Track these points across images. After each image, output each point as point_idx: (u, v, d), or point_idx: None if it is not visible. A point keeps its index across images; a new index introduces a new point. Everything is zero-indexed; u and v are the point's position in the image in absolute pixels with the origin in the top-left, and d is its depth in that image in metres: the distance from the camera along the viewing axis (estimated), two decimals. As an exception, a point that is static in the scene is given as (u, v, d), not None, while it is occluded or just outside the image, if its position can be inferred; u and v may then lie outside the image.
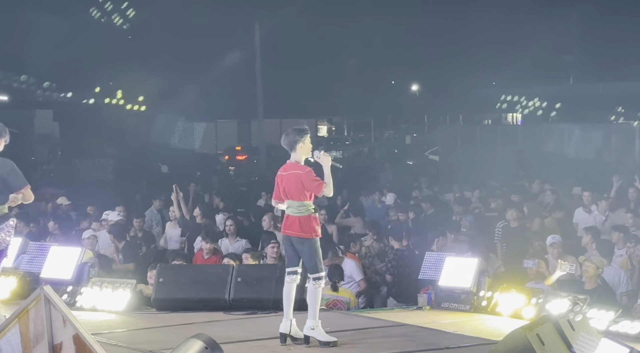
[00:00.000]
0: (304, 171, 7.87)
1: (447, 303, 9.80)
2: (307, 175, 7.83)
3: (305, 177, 7.83)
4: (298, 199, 7.87)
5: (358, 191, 19.79)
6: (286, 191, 7.92)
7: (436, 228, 12.78)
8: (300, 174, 7.86)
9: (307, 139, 7.98)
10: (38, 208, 17.05)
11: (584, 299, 8.91)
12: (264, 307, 9.53)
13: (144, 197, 18.94)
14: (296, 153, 7.96)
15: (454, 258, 10.21)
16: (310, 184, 7.82)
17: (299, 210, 7.86)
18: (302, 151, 7.96)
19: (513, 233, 13.40)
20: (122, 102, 43.78)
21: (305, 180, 7.82)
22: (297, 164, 7.94)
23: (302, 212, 7.85)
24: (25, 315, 6.22)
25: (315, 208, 7.97)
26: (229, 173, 33.06)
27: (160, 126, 40.99)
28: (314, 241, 7.89)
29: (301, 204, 7.86)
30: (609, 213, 14.41)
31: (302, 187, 7.84)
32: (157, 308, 9.88)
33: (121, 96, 43.70)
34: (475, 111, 51.07)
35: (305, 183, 7.82)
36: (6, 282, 10.29)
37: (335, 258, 11.37)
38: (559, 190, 17.45)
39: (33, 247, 10.90)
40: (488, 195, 17.88)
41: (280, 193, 8.02)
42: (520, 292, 9.43)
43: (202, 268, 10.70)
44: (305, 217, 7.86)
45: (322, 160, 7.96)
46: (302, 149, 7.95)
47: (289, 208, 7.94)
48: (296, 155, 7.96)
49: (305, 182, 7.82)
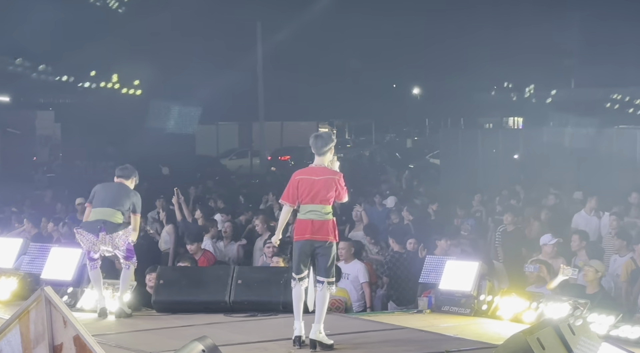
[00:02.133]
0: (340, 176, 7.99)
1: (447, 306, 9.79)
2: (341, 180, 7.98)
3: (339, 183, 7.95)
4: (327, 203, 7.92)
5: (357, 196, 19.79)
6: (315, 195, 7.91)
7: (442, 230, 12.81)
8: (336, 179, 7.96)
9: (334, 145, 8.12)
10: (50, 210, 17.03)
11: (585, 303, 8.90)
12: (265, 309, 9.53)
13: (145, 198, 18.91)
14: (324, 157, 8.01)
15: (454, 261, 10.20)
16: (343, 189, 7.97)
17: (326, 215, 7.91)
18: (331, 156, 8.04)
19: (510, 237, 13.41)
20: (118, 86, 43.68)
21: (340, 186, 7.94)
22: (328, 168, 8.01)
23: (328, 216, 7.93)
24: (25, 316, 6.22)
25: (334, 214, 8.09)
26: (229, 176, 33.07)
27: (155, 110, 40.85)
28: (335, 245, 8.00)
29: (328, 209, 7.94)
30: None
31: (334, 192, 7.91)
32: (158, 310, 9.87)
33: (116, 80, 43.57)
34: (477, 115, 51.13)
35: (339, 188, 7.94)
36: (7, 283, 10.30)
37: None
38: (562, 194, 17.44)
39: (34, 248, 10.90)
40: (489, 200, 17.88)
41: (297, 196, 7.99)
42: (520, 296, 9.42)
43: (203, 271, 10.70)
44: (332, 221, 7.97)
45: (334, 165, 8.06)
46: (331, 154, 8.05)
47: (311, 213, 7.91)
48: (323, 160, 8.01)
49: (339, 187, 7.93)
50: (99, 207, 9.26)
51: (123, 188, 9.46)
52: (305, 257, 8.00)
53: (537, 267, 10.25)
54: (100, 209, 9.22)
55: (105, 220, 9.16)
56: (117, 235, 9.19)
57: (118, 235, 9.20)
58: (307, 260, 8.01)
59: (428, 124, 56.87)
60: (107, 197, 9.32)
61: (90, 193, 9.67)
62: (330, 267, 7.93)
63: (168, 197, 17.90)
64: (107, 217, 9.17)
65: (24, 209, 17.27)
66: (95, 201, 9.35)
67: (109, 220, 9.17)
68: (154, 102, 40.97)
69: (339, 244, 11.81)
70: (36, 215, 14.89)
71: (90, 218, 9.31)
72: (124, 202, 9.33)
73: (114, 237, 9.15)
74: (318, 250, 7.93)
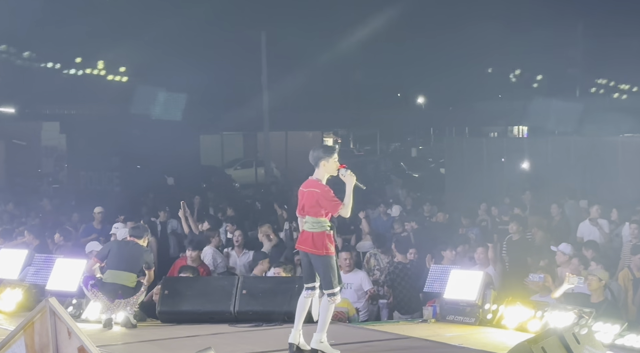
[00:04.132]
0: (321, 190, 7.89)
1: (452, 316, 9.78)
2: (324, 194, 7.87)
3: (321, 196, 7.86)
4: (315, 216, 7.90)
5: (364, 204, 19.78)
6: (305, 207, 7.97)
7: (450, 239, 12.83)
8: (317, 192, 7.89)
9: (332, 158, 7.96)
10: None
11: (590, 312, 8.89)
12: (270, 319, 9.53)
13: (150, 209, 18.95)
14: (319, 170, 7.97)
15: (459, 271, 10.20)
16: (327, 204, 7.85)
17: (314, 226, 7.90)
18: (325, 169, 7.95)
19: (515, 245, 13.40)
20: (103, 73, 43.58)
21: (322, 199, 7.85)
22: (317, 181, 7.95)
23: (316, 228, 7.89)
24: (30, 327, 6.23)
25: (331, 226, 7.98)
26: (233, 185, 33.06)
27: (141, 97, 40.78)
28: (328, 258, 7.89)
29: (317, 221, 7.90)
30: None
31: (318, 205, 7.87)
32: (163, 321, 9.88)
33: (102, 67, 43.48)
34: (481, 124, 51.12)
35: (321, 202, 7.85)
36: (12, 294, 10.31)
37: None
38: (565, 203, 17.42)
39: (39, 259, 10.92)
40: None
41: (300, 208, 8.09)
42: (525, 305, 9.41)
43: (207, 281, 10.69)
44: (318, 234, 7.89)
45: (346, 179, 7.96)
46: (325, 167, 7.94)
47: (306, 224, 7.98)
48: (318, 172, 7.97)
49: (321, 201, 7.85)
50: (115, 269, 9.52)
51: (137, 250, 9.73)
52: (306, 266, 8.04)
53: (541, 277, 10.24)
54: (117, 272, 9.49)
55: (123, 284, 9.46)
56: (132, 299, 9.51)
57: (133, 299, 9.52)
58: (308, 270, 8.01)
59: (433, 133, 56.88)
60: (122, 260, 9.59)
61: (103, 248, 9.99)
62: (326, 280, 7.87)
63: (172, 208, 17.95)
64: (123, 281, 9.48)
65: (27, 221, 17.27)
66: (111, 262, 9.59)
67: (126, 285, 9.48)
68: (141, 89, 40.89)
69: (341, 254, 11.82)
70: (38, 226, 14.86)
71: (106, 278, 9.51)
72: (139, 264, 9.68)
73: (129, 301, 9.48)
74: (312, 262, 7.96)
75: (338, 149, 8.13)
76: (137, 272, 9.62)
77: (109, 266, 9.56)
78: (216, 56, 42.15)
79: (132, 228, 10.17)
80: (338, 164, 8.00)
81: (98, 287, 9.46)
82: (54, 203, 21.66)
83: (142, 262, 9.67)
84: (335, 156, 7.99)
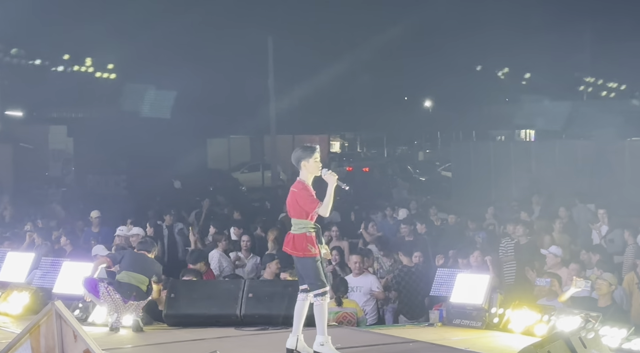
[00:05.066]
0: (298, 189, 7.90)
1: (458, 319, 9.76)
2: (300, 193, 7.87)
3: (299, 195, 7.87)
4: (297, 217, 7.89)
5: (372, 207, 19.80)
6: (289, 208, 8.00)
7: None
8: (295, 192, 7.91)
9: (312, 158, 7.94)
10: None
11: (597, 317, 8.86)
12: (276, 322, 9.52)
13: (157, 212, 18.99)
14: (301, 171, 7.98)
15: (465, 274, 10.18)
16: (303, 202, 7.84)
17: (296, 227, 7.90)
18: (307, 169, 7.94)
19: (523, 249, 13.37)
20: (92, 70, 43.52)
21: (299, 198, 7.86)
22: (298, 181, 7.97)
23: (298, 230, 7.88)
24: (36, 330, 6.24)
25: (314, 228, 7.92)
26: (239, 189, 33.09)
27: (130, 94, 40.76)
28: (308, 259, 7.87)
29: (299, 222, 7.89)
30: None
31: (298, 205, 7.87)
32: (169, 324, 9.88)
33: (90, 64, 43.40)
34: (489, 127, 51.05)
35: (299, 201, 7.86)
36: (19, 297, 10.33)
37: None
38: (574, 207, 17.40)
39: (45, 263, 10.94)
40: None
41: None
42: (532, 309, 9.38)
43: (214, 284, 10.70)
44: (299, 235, 7.88)
45: (327, 179, 7.96)
46: (307, 167, 7.94)
47: (292, 226, 7.98)
48: (302, 173, 7.99)
49: (299, 200, 7.86)
50: (131, 271, 9.60)
51: (149, 260, 9.89)
52: (295, 268, 8.12)
53: (548, 281, 10.22)
54: (133, 274, 9.58)
55: (138, 286, 9.55)
56: (141, 303, 9.59)
57: (142, 304, 9.60)
58: (298, 272, 8.05)
59: (440, 137, 56.83)
60: (138, 264, 9.69)
61: (117, 253, 10.21)
62: (312, 280, 7.86)
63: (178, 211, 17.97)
64: (139, 283, 9.58)
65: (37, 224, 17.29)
66: (126, 264, 9.67)
67: (140, 288, 9.57)
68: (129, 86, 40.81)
69: (351, 257, 11.80)
70: (47, 229, 14.91)
71: (122, 278, 9.57)
72: (152, 271, 9.77)
73: (139, 305, 9.55)
74: (295, 263, 8.01)
75: (318, 149, 8.10)
76: (149, 278, 9.70)
77: (124, 267, 9.65)
78: (223, 60, 42.19)
79: (139, 244, 10.34)
80: (320, 164, 7.99)
81: (114, 285, 9.47)
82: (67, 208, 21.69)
83: (153, 271, 9.78)
84: (316, 156, 7.96)
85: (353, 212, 18.59)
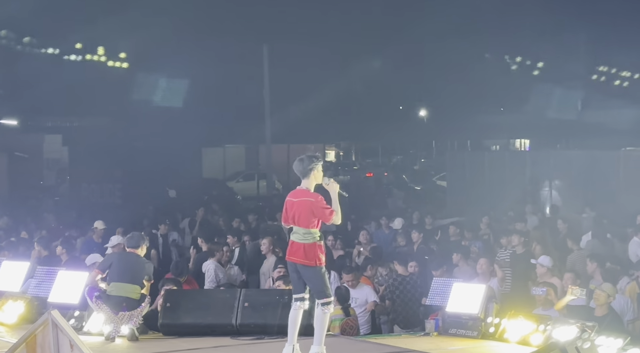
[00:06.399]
0: (315, 198, 7.88)
1: (454, 329, 9.76)
2: (318, 203, 7.86)
3: (316, 205, 7.85)
4: (306, 227, 7.87)
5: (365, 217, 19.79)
6: (295, 218, 7.92)
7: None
8: (311, 201, 7.88)
9: (320, 166, 8.02)
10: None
11: (593, 326, 8.87)
12: (271, 332, 9.51)
13: (151, 221, 18.98)
14: (308, 180, 7.97)
15: (461, 284, 10.18)
16: (320, 212, 7.84)
17: (305, 237, 7.87)
18: (315, 178, 7.97)
19: (519, 259, 13.37)
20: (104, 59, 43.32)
21: (316, 208, 7.84)
22: (307, 190, 7.94)
23: (307, 239, 7.86)
24: (32, 340, 6.24)
25: (321, 236, 7.97)
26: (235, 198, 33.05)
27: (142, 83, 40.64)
28: (320, 268, 7.88)
29: (307, 232, 7.87)
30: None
31: (311, 215, 7.85)
32: (164, 334, 9.86)
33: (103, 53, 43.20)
34: (483, 137, 51.13)
35: (315, 211, 7.84)
36: (14, 307, 10.30)
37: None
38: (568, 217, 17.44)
39: (41, 272, 10.90)
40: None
41: (288, 218, 8.04)
42: (528, 319, 9.39)
43: (209, 293, 10.70)
44: (310, 245, 7.87)
45: (330, 188, 7.99)
46: (315, 176, 7.97)
47: (294, 235, 7.95)
48: (308, 182, 7.97)
49: (315, 209, 7.84)
50: (119, 281, 9.48)
51: (138, 262, 9.71)
52: (294, 278, 8.04)
53: (544, 290, 10.23)
54: (122, 285, 9.45)
55: (128, 297, 9.43)
56: (136, 311, 9.47)
57: (137, 311, 9.48)
58: (298, 281, 8.00)
59: (435, 146, 56.87)
60: (127, 272, 9.54)
61: (105, 260, 10.00)
62: (319, 289, 7.88)
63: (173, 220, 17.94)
64: (128, 293, 9.45)
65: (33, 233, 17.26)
66: (114, 274, 9.55)
67: (130, 298, 9.45)
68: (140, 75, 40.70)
69: (344, 276, 11.77)
70: (46, 238, 14.87)
71: (110, 291, 9.48)
72: (141, 276, 9.62)
73: (133, 313, 9.44)
74: (302, 273, 7.94)
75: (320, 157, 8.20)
76: (141, 284, 9.60)
77: (113, 279, 9.53)
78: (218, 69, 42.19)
79: (127, 239, 10.06)
80: (322, 172, 8.04)
81: (102, 299, 9.44)
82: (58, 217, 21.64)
83: (144, 273, 9.65)
84: (321, 164, 8.05)
85: (349, 221, 18.57)
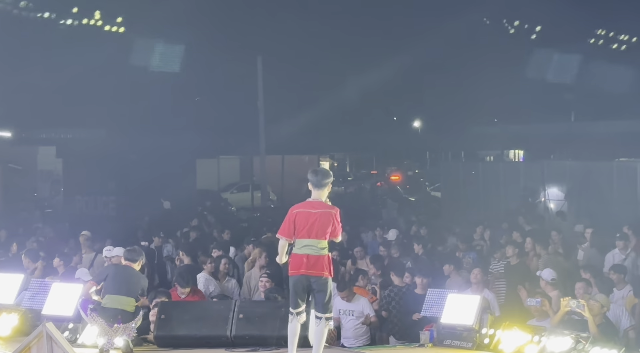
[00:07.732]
0: (336, 211, 7.96)
1: (449, 340, 9.75)
2: (337, 215, 7.94)
3: (336, 218, 7.92)
4: (322, 238, 7.87)
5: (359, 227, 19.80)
6: (314, 229, 7.87)
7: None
8: (333, 213, 7.93)
9: (330, 184, 8.12)
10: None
11: (587, 337, 8.88)
12: (266, 343, 9.50)
13: (145, 233, 18.96)
14: (322, 191, 7.99)
15: (455, 295, 10.19)
16: (338, 225, 7.93)
17: (322, 250, 7.87)
18: (329, 190, 8.05)
19: (513, 270, 13.39)
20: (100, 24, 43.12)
21: (336, 221, 7.91)
22: (325, 203, 7.98)
23: (324, 252, 7.88)
24: (27, 352, 6.22)
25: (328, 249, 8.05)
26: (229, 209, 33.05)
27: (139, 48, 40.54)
28: (330, 280, 7.96)
29: (324, 244, 7.90)
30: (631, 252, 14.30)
31: (330, 227, 7.87)
32: (159, 345, 9.85)
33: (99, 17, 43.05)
34: (477, 147, 51.20)
35: (335, 223, 7.89)
36: (8, 319, 10.27)
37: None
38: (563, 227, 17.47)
39: (35, 284, 10.88)
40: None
41: (293, 230, 7.95)
42: (522, 330, 9.39)
43: (204, 305, 10.68)
44: (328, 257, 7.94)
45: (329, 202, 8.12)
46: (329, 189, 8.06)
47: (307, 248, 7.87)
48: (322, 194, 7.99)
49: (335, 222, 7.89)
50: (115, 294, 9.41)
51: (134, 275, 9.66)
52: (301, 291, 7.99)
53: (539, 301, 10.23)
54: (117, 297, 9.38)
55: (123, 309, 9.37)
56: (131, 324, 9.40)
57: (131, 324, 9.42)
58: (303, 295, 7.99)
59: (429, 157, 56.94)
60: (123, 285, 9.48)
61: (101, 272, 9.90)
62: (327, 303, 7.91)
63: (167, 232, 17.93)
64: (123, 306, 9.38)
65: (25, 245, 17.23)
66: (110, 286, 9.48)
67: (125, 310, 9.38)
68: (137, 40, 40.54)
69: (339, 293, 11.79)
70: (35, 251, 14.82)
71: (105, 303, 9.42)
72: (137, 289, 9.58)
73: (128, 326, 9.37)
74: (314, 286, 7.91)
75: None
76: (136, 297, 9.56)
77: (108, 291, 9.48)
78: (212, 81, 42.24)
79: (127, 252, 10.01)
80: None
81: (97, 311, 9.41)
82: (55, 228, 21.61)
83: (139, 287, 9.61)
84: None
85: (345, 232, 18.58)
